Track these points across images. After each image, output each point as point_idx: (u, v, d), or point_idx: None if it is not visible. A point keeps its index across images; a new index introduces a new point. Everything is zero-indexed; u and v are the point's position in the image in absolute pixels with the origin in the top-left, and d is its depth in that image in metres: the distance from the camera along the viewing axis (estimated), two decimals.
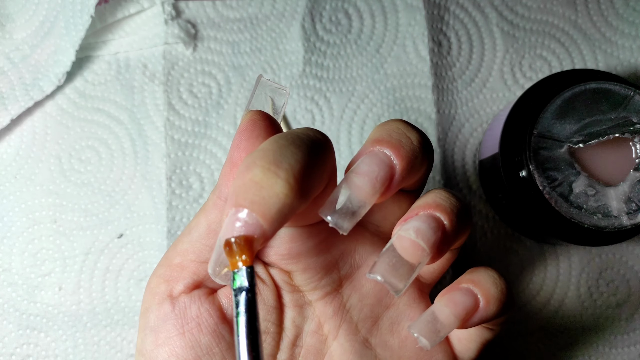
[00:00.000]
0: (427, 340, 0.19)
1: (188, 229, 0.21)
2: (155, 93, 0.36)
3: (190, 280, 0.21)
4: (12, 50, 0.35)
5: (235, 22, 0.37)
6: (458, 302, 0.19)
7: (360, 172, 0.18)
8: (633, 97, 0.27)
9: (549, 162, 0.27)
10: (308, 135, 0.17)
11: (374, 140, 0.18)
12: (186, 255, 0.21)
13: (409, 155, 0.18)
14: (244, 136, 0.19)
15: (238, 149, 0.19)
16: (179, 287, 0.21)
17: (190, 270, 0.21)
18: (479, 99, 0.36)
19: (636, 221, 0.26)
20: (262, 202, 0.15)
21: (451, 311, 0.19)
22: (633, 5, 0.37)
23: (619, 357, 0.33)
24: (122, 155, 0.35)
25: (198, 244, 0.21)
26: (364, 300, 0.22)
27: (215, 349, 0.20)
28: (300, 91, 0.36)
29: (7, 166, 0.35)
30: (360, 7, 0.37)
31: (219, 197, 0.20)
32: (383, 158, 0.18)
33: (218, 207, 0.20)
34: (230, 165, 0.19)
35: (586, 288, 0.34)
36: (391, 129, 0.19)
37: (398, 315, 0.22)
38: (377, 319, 0.22)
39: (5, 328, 0.33)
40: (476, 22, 0.37)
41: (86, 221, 0.34)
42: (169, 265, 0.21)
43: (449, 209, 0.19)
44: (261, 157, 0.16)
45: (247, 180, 0.16)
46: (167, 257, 0.21)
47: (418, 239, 0.18)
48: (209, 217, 0.20)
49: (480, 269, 0.20)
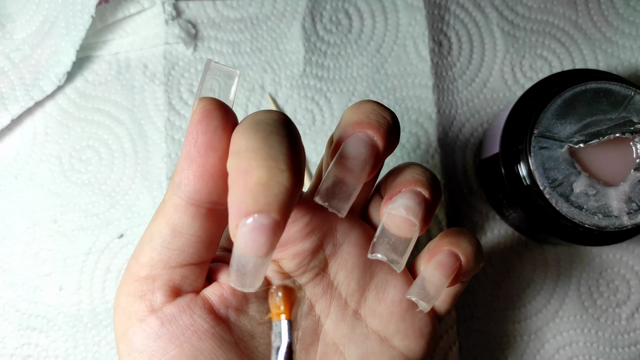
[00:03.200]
0: (425, 303, 0.21)
1: (147, 236, 0.19)
2: (155, 93, 0.36)
3: (167, 289, 0.20)
4: (12, 50, 0.35)
5: (235, 22, 0.37)
6: (446, 264, 0.21)
7: (349, 156, 0.18)
8: (633, 97, 0.27)
9: (550, 162, 0.27)
10: (277, 119, 0.18)
11: (354, 123, 0.19)
12: (154, 265, 0.19)
13: (388, 134, 0.19)
14: (200, 129, 0.18)
15: (196, 145, 0.18)
16: (157, 298, 0.19)
17: (163, 278, 0.20)
18: (479, 99, 0.36)
19: (636, 221, 0.26)
20: (275, 200, 0.15)
21: (441, 273, 0.21)
22: (633, 5, 0.37)
23: (619, 357, 0.33)
24: (122, 156, 0.35)
25: (165, 250, 0.19)
26: (350, 275, 0.23)
27: (219, 351, 0.20)
28: (300, 91, 0.36)
29: (8, 166, 0.35)
30: (360, 7, 0.37)
31: (181, 197, 0.18)
32: (367, 140, 0.19)
33: (180, 208, 0.19)
34: (188, 161, 0.18)
35: (586, 288, 0.34)
36: (367, 110, 0.19)
37: (382, 283, 0.23)
38: (363, 291, 0.23)
39: (5, 328, 0.33)
40: (477, 22, 0.37)
41: (87, 221, 0.34)
42: (136, 281, 0.20)
43: (427, 183, 0.21)
44: (255, 157, 0.16)
45: (252, 185, 0.15)
46: (131, 272, 0.20)
47: (409, 215, 0.20)
48: (171, 219, 0.19)
49: (454, 231, 0.22)
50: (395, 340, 0.23)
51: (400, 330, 0.23)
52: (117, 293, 0.20)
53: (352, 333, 0.23)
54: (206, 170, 0.18)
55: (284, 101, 0.36)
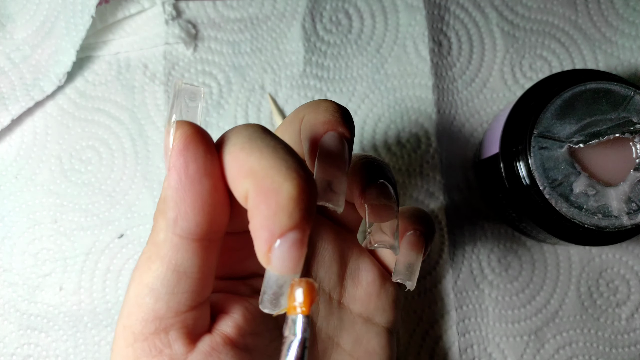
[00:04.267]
0: (411, 282, 0.24)
1: (143, 288, 0.18)
2: (155, 93, 0.36)
3: (184, 337, 0.18)
4: (12, 50, 0.35)
5: (235, 22, 0.37)
6: (417, 244, 0.24)
7: (330, 156, 0.19)
8: (633, 97, 0.27)
9: (549, 162, 0.27)
10: (264, 131, 0.17)
11: (323, 123, 0.19)
12: (162, 316, 0.18)
13: (350, 129, 0.20)
14: (190, 157, 0.16)
15: (187, 174, 0.16)
16: (178, 349, 0.18)
17: (176, 327, 0.18)
18: (479, 99, 0.36)
19: (636, 221, 0.26)
20: (308, 212, 0.15)
21: (416, 252, 0.24)
22: (633, 5, 0.37)
23: (619, 357, 0.33)
24: (122, 156, 0.35)
25: (172, 297, 0.18)
26: (329, 270, 0.24)
27: None
28: (300, 91, 0.36)
29: (8, 166, 0.35)
30: (360, 7, 0.37)
31: (180, 235, 0.17)
32: (339, 137, 0.19)
33: (181, 247, 0.17)
34: (180, 193, 0.16)
35: (586, 288, 0.34)
36: (329, 110, 0.20)
37: (354, 269, 0.24)
38: (342, 281, 0.24)
39: (6, 328, 0.33)
40: (476, 22, 0.37)
41: (87, 221, 0.34)
42: (144, 340, 0.18)
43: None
44: (277, 173, 0.15)
45: (284, 201, 0.15)
46: (132, 333, 0.18)
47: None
48: (172, 262, 0.17)
49: (410, 210, 0.25)
50: (376, 317, 0.24)
51: (379, 307, 0.24)
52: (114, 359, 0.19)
53: (341, 323, 0.24)
54: (205, 199, 0.17)
55: (284, 101, 0.36)
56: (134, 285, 0.18)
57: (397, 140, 0.35)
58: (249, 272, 0.22)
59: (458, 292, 0.34)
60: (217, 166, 0.17)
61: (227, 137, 0.17)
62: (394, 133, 0.35)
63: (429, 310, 0.33)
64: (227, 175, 0.17)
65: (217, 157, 0.17)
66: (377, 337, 0.24)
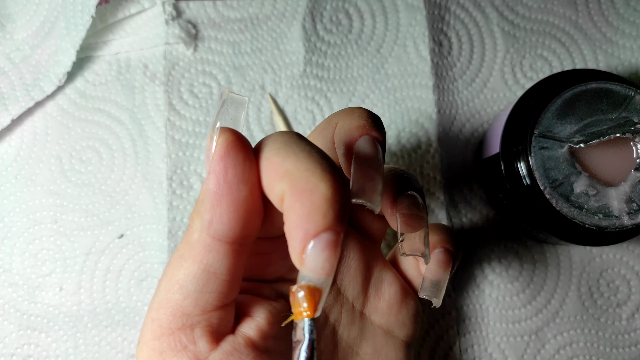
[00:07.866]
0: (437, 299, 0.24)
1: (174, 284, 0.18)
2: (156, 93, 0.36)
3: (208, 335, 0.19)
4: (12, 50, 0.35)
5: (236, 23, 0.37)
6: (444, 261, 0.24)
7: (366, 158, 0.20)
8: (634, 97, 0.27)
9: (550, 162, 0.27)
10: (299, 137, 0.18)
11: (357, 127, 0.20)
12: (189, 313, 0.18)
13: (382, 133, 0.21)
14: (229, 163, 0.17)
15: (226, 180, 0.17)
16: (202, 347, 0.19)
17: (202, 325, 0.19)
18: (479, 99, 0.36)
19: (637, 221, 0.26)
20: (342, 213, 0.15)
21: (443, 270, 0.24)
22: (634, 5, 0.37)
23: (620, 357, 0.33)
24: (122, 156, 0.35)
25: (201, 295, 0.18)
26: (354, 280, 0.24)
27: None
28: (301, 91, 0.36)
29: (8, 166, 0.35)
30: (360, 7, 0.37)
31: (213, 237, 0.18)
32: (372, 140, 0.20)
33: (213, 247, 0.18)
34: (217, 197, 0.17)
35: (587, 288, 0.34)
36: (362, 115, 0.21)
37: (378, 281, 0.25)
38: (365, 291, 0.24)
39: (6, 328, 0.33)
40: (477, 22, 0.37)
41: (87, 221, 0.34)
42: (170, 335, 0.19)
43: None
44: (313, 174, 0.16)
45: (319, 201, 0.15)
46: (160, 326, 0.19)
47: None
48: (204, 261, 0.18)
49: (439, 228, 0.26)
50: (396, 330, 0.25)
51: (399, 320, 0.25)
52: (142, 354, 0.19)
53: (361, 333, 0.24)
54: (240, 204, 0.17)
55: (284, 101, 0.36)
56: (165, 280, 0.19)
57: (397, 140, 0.35)
58: (276, 276, 0.23)
59: (458, 292, 0.34)
60: (255, 174, 0.18)
61: (264, 144, 0.18)
62: (394, 133, 0.35)
63: (429, 310, 0.33)
64: (264, 179, 0.17)
65: (255, 165, 0.18)
66: (396, 351, 0.25)
